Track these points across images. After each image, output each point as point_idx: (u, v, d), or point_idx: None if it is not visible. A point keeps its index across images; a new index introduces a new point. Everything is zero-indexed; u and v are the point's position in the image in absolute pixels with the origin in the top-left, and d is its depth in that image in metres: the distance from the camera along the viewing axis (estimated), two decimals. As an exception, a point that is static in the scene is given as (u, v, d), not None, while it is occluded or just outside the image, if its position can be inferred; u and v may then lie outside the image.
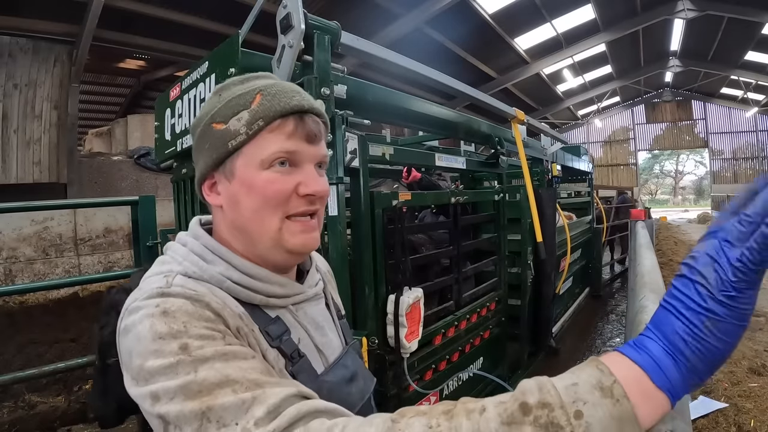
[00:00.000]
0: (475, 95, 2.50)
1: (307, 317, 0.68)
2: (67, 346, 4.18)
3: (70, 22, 6.56)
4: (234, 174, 0.60)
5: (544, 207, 3.17)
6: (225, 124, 0.60)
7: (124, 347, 0.52)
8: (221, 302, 0.56)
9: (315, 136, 0.62)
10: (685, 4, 11.80)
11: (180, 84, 1.78)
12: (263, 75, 0.66)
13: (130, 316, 0.52)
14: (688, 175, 38.82)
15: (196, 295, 0.54)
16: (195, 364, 0.46)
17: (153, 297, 0.53)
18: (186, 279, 0.58)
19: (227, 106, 0.61)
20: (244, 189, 0.60)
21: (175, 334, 0.48)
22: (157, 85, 11.30)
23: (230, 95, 0.62)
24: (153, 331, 0.49)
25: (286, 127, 0.60)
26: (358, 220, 1.72)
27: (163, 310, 0.51)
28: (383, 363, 1.75)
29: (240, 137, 0.59)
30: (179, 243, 0.64)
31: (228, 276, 0.60)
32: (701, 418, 2.63)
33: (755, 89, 17.62)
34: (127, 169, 7.94)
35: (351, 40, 1.61)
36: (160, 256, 0.65)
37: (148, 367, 0.47)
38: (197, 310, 0.52)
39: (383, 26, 9.02)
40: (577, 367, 0.42)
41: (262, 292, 0.62)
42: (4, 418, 2.84)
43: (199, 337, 0.49)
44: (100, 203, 4.84)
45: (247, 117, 0.59)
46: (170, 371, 0.46)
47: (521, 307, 3.06)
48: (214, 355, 0.48)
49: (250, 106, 0.60)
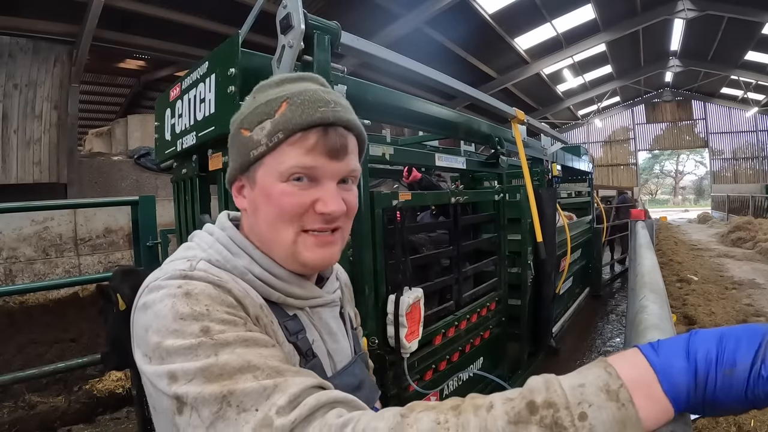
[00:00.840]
0: (475, 95, 2.50)
1: (321, 321, 0.69)
2: (67, 346, 4.18)
3: (70, 22, 6.57)
4: (256, 182, 0.60)
5: (544, 207, 3.17)
6: (250, 132, 0.60)
7: (140, 323, 0.51)
8: (243, 290, 0.57)
9: (338, 151, 0.59)
10: (685, 4, 11.80)
11: (180, 84, 1.78)
12: (303, 77, 0.63)
13: (150, 294, 0.52)
14: (688, 175, 38.85)
15: (219, 281, 0.54)
16: (216, 348, 0.46)
17: (176, 278, 0.53)
18: (209, 265, 0.58)
19: (255, 112, 0.60)
20: (263, 198, 0.60)
21: (197, 316, 0.48)
22: (157, 85, 11.31)
23: (261, 99, 0.61)
24: (174, 310, 0.48)
25: (307, 141, 0.57)
26: (358, 220, 1.72)
27: (186, 291, 0.50)
28: (383, 363, 1.75)
29: (261, 148, 0.58)
30: (206, 232, 0.65)
31: (250, 270, 0.60)
32: (701, 418, 2.62)
33: (755, 89, 17.61)
34: (127, 169, 7.94)
35: (351, 40, 1.61)
36: (186, 243, 0.65)
37: (166, 345, 0.47)
38: (220, 295, 0.52)
39: (383, 26, 9.02)
40: (585, 366, 0.42)
41: (281, 291, 0.62)
42: (4, 418, 2.84)
43: (221, 322, 0.49)
44: (100, 203, 4.83)
45: (269, 127, 0.58)
46: (190, 353, 0.46)
47: (521, 307, 3.05)
48: (236, 340, 0.47)
49: (274, 115, 0.58)
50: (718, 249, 9.64)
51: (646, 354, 0.41)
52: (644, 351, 0.41)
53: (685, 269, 6.91)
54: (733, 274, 6.69)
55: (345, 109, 0.61)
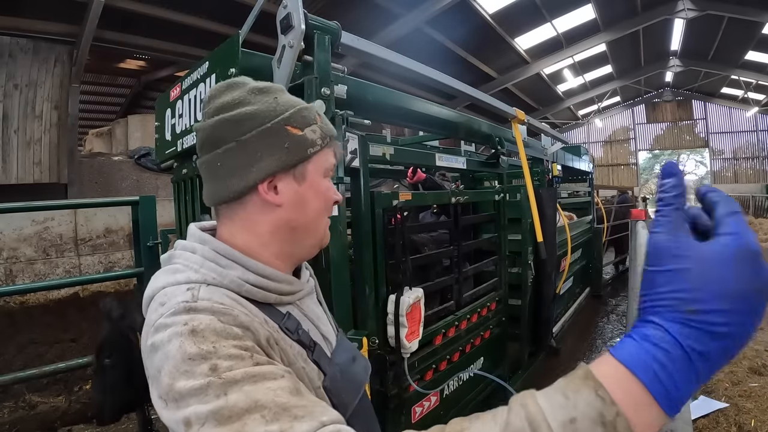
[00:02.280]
0: (476, 95, 2.50)
1: (310, 310, 0.73)
2: (67, 346, 4.18)
3: (71, 23, 6.57)
4: (305, 177, 0.66)
5: (545, 207, 3.17)
6: (302, 131, 0.65)
7: (152, 365, 0.52)
8: (249, 313, 0.57)
9: None
10: (685, 4, 11.79)
11: (180, 84, 1.78)
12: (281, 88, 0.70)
13: (157, 334, 0.52)
14: (689, 175, 38.76)
15: (224, 309, 0.54)
16: (225, 387, 0.47)
17: (180, 313, 0.53)
18: (210, 290, 0.57)
19: (299, 114, 0.65)
20: (313, 192, 0.67)
21: (205, 355, 0.49)
22: (158, 85, 11.31)
23: (293, 103, 0.66)
24: (182, 351, 0.49)
25: (334, 146, 0.71)
26: (359, 220, 1.72)
27: (191, 329, 0.51)
28: (384, 363, 1.75)
29: (316, 147, 0.66)
30: (187, 250, 0.63)
31: (245, 279, 0.61)
32: (702, 417, 2.63)
33: (755, 89, 17.60)
34: (128, 169, 7.94)
35: (351, 40, 1.61)
36: (170, 265, 0.63)
37: (178, 387, 0.48)
38: (225, 328, 0.52)
39: (383, 26, 9.02)
40: (571, 386, 0.37)
41: (275, 291, 0.64)
42: (4, 419, 2.84)
43: (228, 357, 0.49)
44: (101, 203, 4.84)
45: (319, 131, 0.67)
46: (201, 393, 0.46)
47: (522, 307, 3.05)
48: (243, 378, 0.48)
49: (317, 122, 0.67)
50: (718, 249, 9.61)
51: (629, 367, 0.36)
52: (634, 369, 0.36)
53: (685, 269, 6.89)
54: (734, 274, 6.68)
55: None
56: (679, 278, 0.37)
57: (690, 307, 0.36)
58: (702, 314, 0.36)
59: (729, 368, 3.22)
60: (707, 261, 0.37)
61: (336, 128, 1.46)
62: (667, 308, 0.37)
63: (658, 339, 0.36)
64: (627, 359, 0.37)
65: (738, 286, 0.36)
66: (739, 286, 0.36)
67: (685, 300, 0.36)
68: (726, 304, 0.35)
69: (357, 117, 1.61)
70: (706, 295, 0.36)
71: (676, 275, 0.37)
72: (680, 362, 0.36)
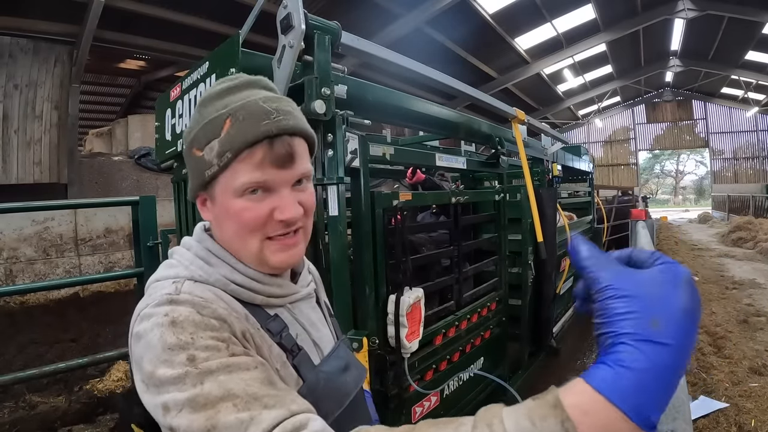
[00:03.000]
0: (476, 95, 2.50)
1: (302, 314, 0.73)
2: (67, 346, 4.18)
3: (71, 23, 6.57)
4: (215, 198, 0.63)
5: (545, 207, 3.17)
6: (201, 152, 0.61)
7: (136, 352, 0.55)
8: (228, 307, 0.60)
9: (286, 160, 0.60)
10: (685, 4, 11.80)
11: (180, 84, 1.78)
12: (246, 83, 0.64)
13: (141, 323, 0.55)
14: (689, 175, 38.81)
15: (203, 302, 0.57)
16: (201, 376, 0.50)
17: (162, 304, 0.56)
18: (194, 285, 0.60)
19: (203, 130, 0.61)
20: (223, 213, 0.63)
21: (183, 346, 0.51)
22: (158, 85, 11.32)
23: (207, 116, 0.62)
24: (163, 341, 0.52)
25: (254, 156, 0.59)
26: (359, 220, 1.72)
27: (171, 320, 0.53)
28: (384, 363, 1.75)
29: (213, 168, 0.60)
30: (184, 247, 0.68)
31: (232, 279, 0.63)
32: (702, 417, 2.62)
33: (756, 89, 17.61)
34: (128, 169, 7.95)
35: (351, 40, 1.61)
36: (167, 260, 0.68)
37: (158, 375, 0.51)
38: (203, 320, 0.55)
39: (383, 26, 9.02)
40: (539, 412, 0.37)
41: (262, 293, 0.66)
42: (5, 419, 2.84)
43: (205, 349, 0.52)
44: (101, 203, 4.84)
45: (217, 148, 0.59)
46: (179, 381, 0.50)
47: (522, 307, 3.05)
48: (218, 368, 0.51)
49: (220, 134, 0.59)
50: (718, 249, 9.64)
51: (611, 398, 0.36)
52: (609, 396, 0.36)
53: (685, 269, 6.90)
54: (734, 274, 6.69)
55: (288, 116, 0.61)
56: (635, 301, 0.38)
57: (653, 324, 0.37)
58: (662, 328, 0.37)
59: (729, 368, 3.22)
60: (653, 284, 0.39)
61: (336, 128, 1.47)
62: (628, 329, 0.38)
63: (627, 360, 0.37)
64: (599, 385, 0.37)
65: (683, 304, 0.38)
66: (685, 305, 0.38)
67: (646, 319, 0.37)
68: (680, 319, 0.38)
69: (357, 117, 1.61)
70: (663, 313, 0.37)
71: (633, 299, 0.39)
72: (649, 379, 0.36)
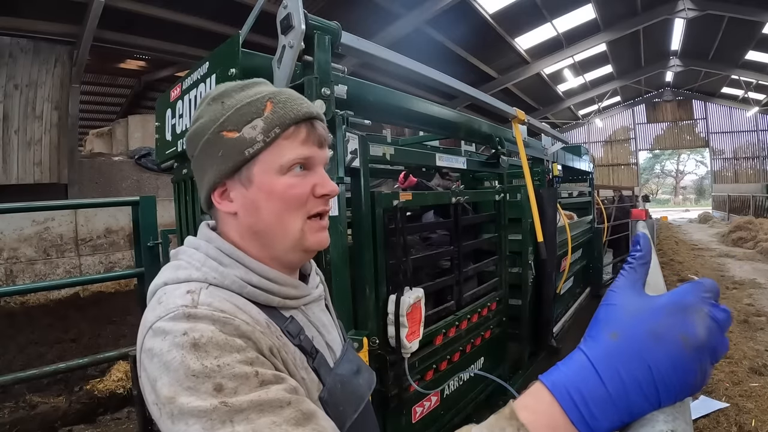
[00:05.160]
0: (476, 95, 2.50)
1: (315, 316, 0.71)
2: (67, 346, 4.19)
3: (71, 23, 6.57)
4: (252, 181, 0.61)
5: (545, 207, 3.17)
6: (238, 132, 0.60)
7: (149, 371, 0.50)
8: (250, 320, 0.56)
9: (325, 141, 0.65)
10: (685, 4, 11.79)
11: (181, 84, 1.78)
12: (260, 81, 0.66)
13: (154, 339, 0.51)
14: (689, 175, 38.81)
15: (225, 317, 0.53)
16: (230, 414, 0.46)
17: (179, 320, 0.51)
18: (211, 294, 0.56)
19: (238, 113, 0.60)
20: (263, 194, 0.61)
21: (209, 374, 0.47)
22: (158, 85, 11.31)
23: (237, 103, 0.61)
24: (185, 366, 0.48)
25: (300, 134, 0.62)
26: (359, 220, 1.72)
27: (192, 342, 0.49)
28: (384, 363, 1.75)
29: (257, 145, 0.60)
30: (192, 247, 0.64)
31: (248, 280, 0.60)
32: (702, 417, 2.62)
33: (756, 89, 17.59)
34: (128, 169, 7.95)
35: (351, 40, 1.61)
36: (174, 261, 0.63)
37: (180, 404, 0.46)
38: (228, 340, 0.51)
39: (383, 26, 9.02)
40: (498, 425, 0.39)
41: (279, 294, 0.63)
42: (5, 419, 2.84)
43: (233, 377, 0.48)
44: (101, 204, 4.84)
45: (262, 125, 0.60)
46: (204, 416, 0.46)
47: (522, 307, 3.05)
48: (250, 406, 0.47)
49: (263, 113, 0.60)
50: (718, 249, 9.63)
51: (564, 406, 0.37)
52: (562, 403, 0.38)
53: (685, 269, 6.92)
54: (734, 274, 6.69)
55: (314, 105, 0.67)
56: (613, 315, 0.40)
57: (612, 333, 0.38)
58: (621, 341, 0.37)
59: (729, 368, 3.22)
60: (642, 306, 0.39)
61: (336, 128, 1.47)
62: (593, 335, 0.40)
63: (573, 357, 0.39)
64: (551, 385, 0.39)
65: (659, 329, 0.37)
66: (660, 330, 0.37)
67: (609, 329, 0.39)
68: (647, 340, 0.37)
69: (357, 117, 1.61)
70: (629, 329, 0.38)
71: (612, 310, 0.40)
72: (587, 375, 0.37)
